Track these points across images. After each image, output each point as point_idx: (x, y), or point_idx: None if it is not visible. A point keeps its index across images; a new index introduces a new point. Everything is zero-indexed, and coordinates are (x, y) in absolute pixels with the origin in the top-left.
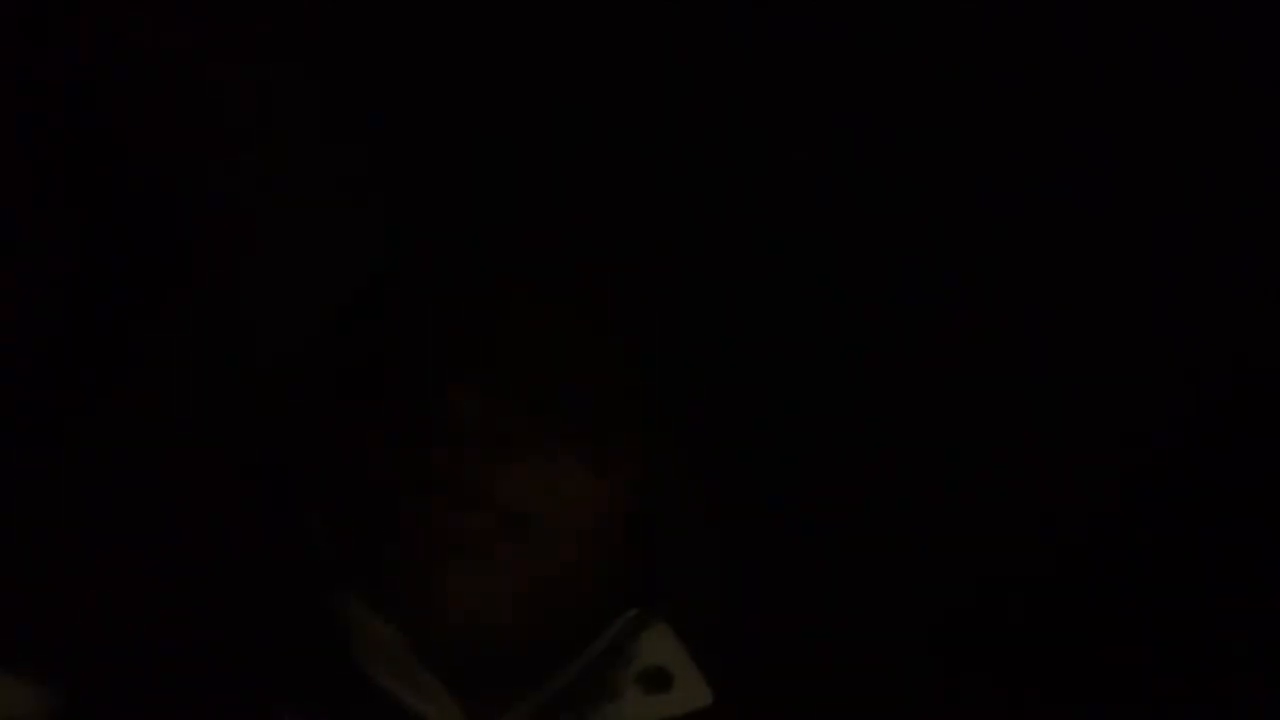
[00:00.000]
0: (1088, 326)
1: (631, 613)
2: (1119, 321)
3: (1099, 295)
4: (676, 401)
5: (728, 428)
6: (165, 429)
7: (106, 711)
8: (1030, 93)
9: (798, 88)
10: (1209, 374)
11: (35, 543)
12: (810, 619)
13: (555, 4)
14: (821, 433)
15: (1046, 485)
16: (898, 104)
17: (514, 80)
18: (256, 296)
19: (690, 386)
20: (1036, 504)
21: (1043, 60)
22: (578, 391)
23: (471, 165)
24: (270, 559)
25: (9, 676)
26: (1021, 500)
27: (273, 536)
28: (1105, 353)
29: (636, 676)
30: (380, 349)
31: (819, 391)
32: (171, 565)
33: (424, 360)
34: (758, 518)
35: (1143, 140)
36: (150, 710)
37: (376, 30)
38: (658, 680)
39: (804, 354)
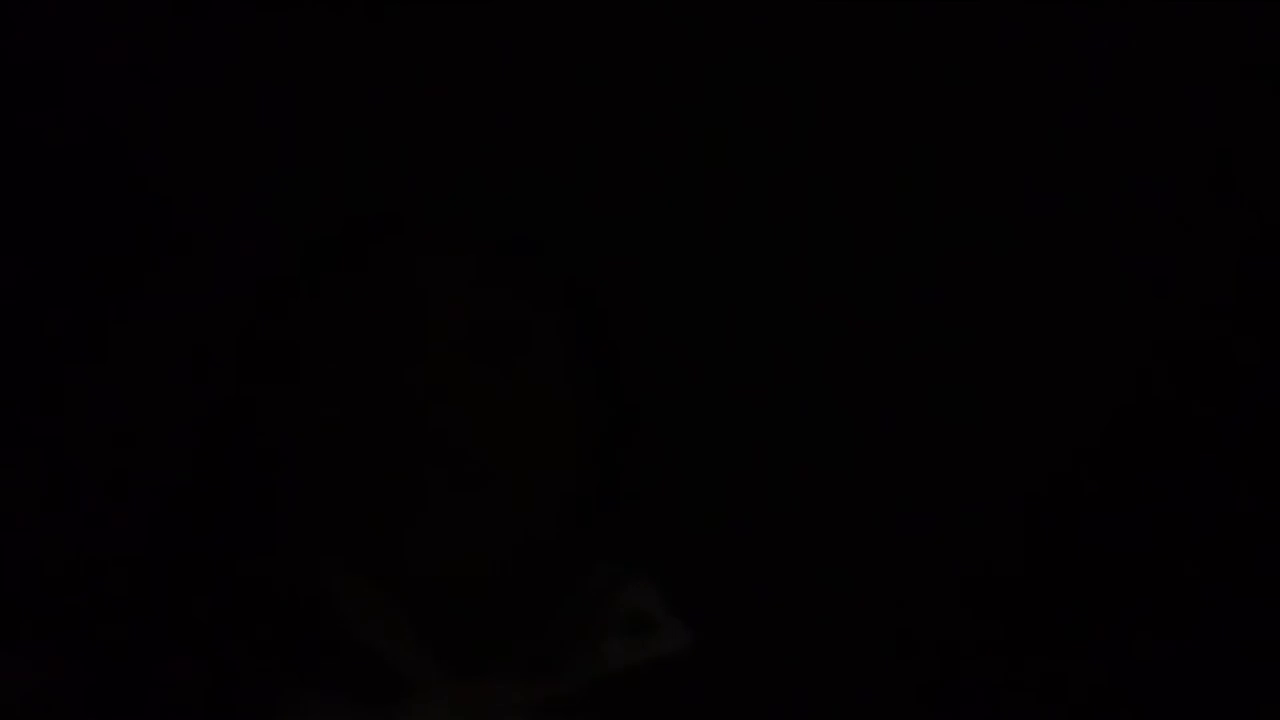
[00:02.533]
0: (1066, 321)
1: (611, 560)
2: (1095, 313)
3: (1083, 289)
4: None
5: (706, 391)
6: (136, 415)
7: (100, 692)
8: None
9: (788, 90)
10: (1184, 365)
11: (28, 537)
12: (788, 566)
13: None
14: (803, 395)
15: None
16: (885, 106)
17: (506, 77)
18: (220, 276)
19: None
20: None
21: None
22: (547, 349)
23: (462, 162)
24: (253, 534)
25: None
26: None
27: (245, 505)
28: (1082, 343)
29: (618, 623)
30: (344, 318)
31: (799, 366)
32: (146, 544)
33: (390, 328)
34: (738, 470)
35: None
36: (140, 687)
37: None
38: (639, 626)
39: (778, 326)
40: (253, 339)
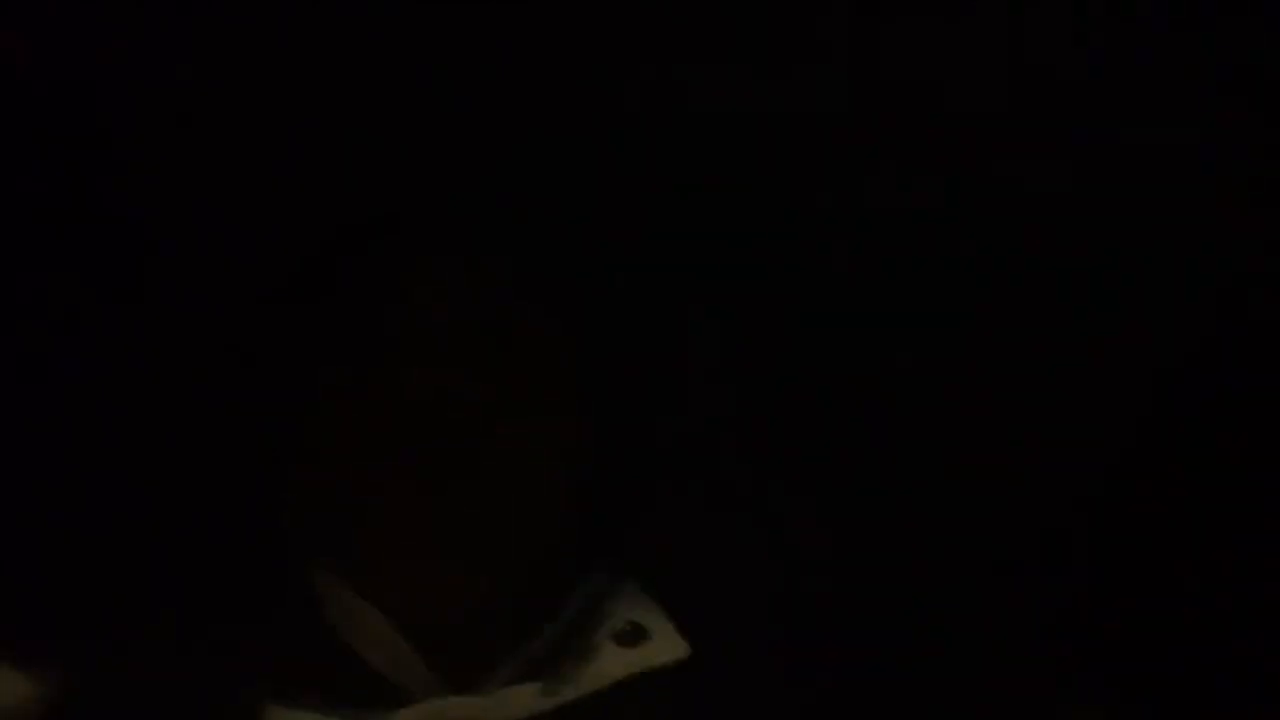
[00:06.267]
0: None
1: (603, 572)
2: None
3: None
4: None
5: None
6: (133, 418)
7: (97, 698)
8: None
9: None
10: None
11: (25, 538)
12: (784, 574)
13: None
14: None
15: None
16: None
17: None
18: (216, 279)
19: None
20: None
21: None
22: (545, 353)
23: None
24: (247, 543)
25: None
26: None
27: (248, 521)
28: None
29: (612, 633)
30: (339, 328)
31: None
32: (144, 550)
33: (384, 339)
34: (735, 477)
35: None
36: (138, 695)
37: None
38: (634, 636)
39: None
40: (249, 343)
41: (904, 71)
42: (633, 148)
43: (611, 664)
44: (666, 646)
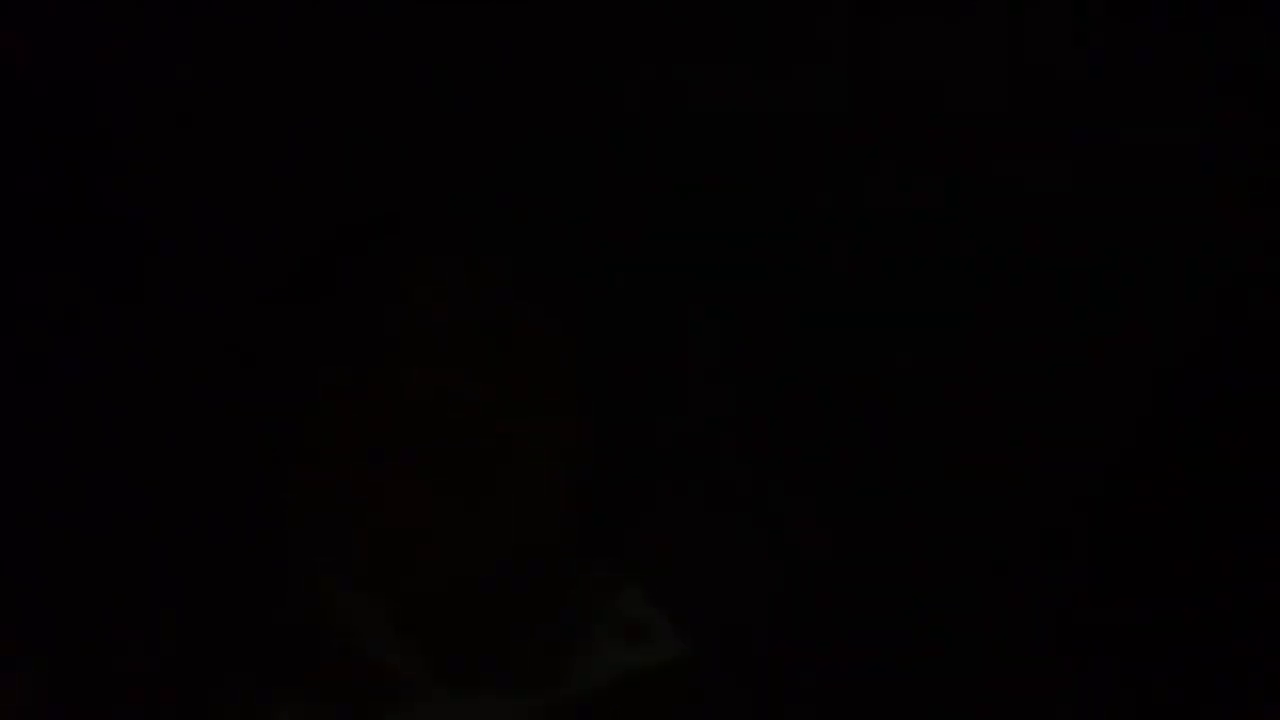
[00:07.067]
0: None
1: (605, 568)
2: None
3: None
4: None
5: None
6: (131, 419)
7: (96, 698)
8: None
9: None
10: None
11: (26, 539)
12: (782, 573)
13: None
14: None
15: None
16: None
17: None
18: (217, 280)
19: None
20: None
21: None
22: (545, 354)
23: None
24: (247, 543)
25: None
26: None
27: (248, 519)
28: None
29: (612, 631)
30: (339, 328)
31: (781, 364)
32: (153, 553)
33: (384, 339)
34: (735, 477)
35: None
36: (138, 695)
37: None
38: (633, 633)
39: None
40: (249, 343)
41: (904, 71)
42: (633, 148)
43: (611, 663)
44: (666, 645)
